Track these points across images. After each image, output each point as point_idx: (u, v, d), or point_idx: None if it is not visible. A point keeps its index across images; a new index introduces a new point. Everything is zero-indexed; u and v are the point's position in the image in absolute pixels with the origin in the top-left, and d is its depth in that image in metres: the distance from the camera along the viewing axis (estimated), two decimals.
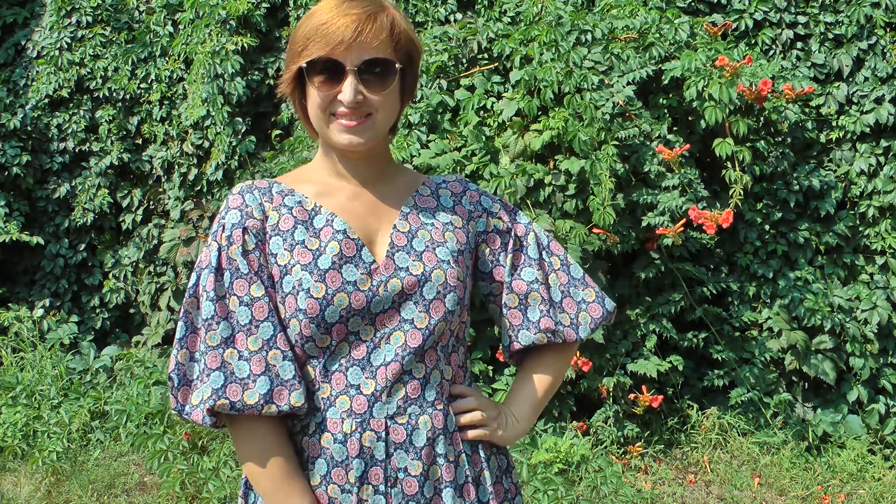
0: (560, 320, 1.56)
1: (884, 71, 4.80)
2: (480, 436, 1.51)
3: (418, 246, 1.47)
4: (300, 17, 5.65)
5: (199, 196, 5.95)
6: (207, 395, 1.36)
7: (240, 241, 1.41)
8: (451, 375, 1.50)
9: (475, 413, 1.51)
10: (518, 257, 1.58)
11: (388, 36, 1.40)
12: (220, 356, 1.37)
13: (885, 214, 4.72)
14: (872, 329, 4.49)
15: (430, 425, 1.44)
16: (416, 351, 1.43)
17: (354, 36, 1.36)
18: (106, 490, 4.11)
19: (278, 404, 1.36)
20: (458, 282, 1.45)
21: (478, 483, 1.50)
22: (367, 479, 1.41)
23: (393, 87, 1.42)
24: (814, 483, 4.06)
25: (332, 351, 1.41)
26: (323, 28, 1.37)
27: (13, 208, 6.08)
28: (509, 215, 1.60)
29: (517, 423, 1.57)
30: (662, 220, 4.15)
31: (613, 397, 4.23)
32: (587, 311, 1.59)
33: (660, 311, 4.35)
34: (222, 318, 1.38)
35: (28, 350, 5.56)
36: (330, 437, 1.41)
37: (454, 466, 1.46)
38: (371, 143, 1.44)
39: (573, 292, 1.59)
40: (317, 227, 1.45)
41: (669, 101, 4.41)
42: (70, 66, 6.23)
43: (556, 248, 1.62)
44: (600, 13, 4.72)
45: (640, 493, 3.92)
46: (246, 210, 1.43)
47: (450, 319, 1.45)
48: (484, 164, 4.20)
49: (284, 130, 5.64)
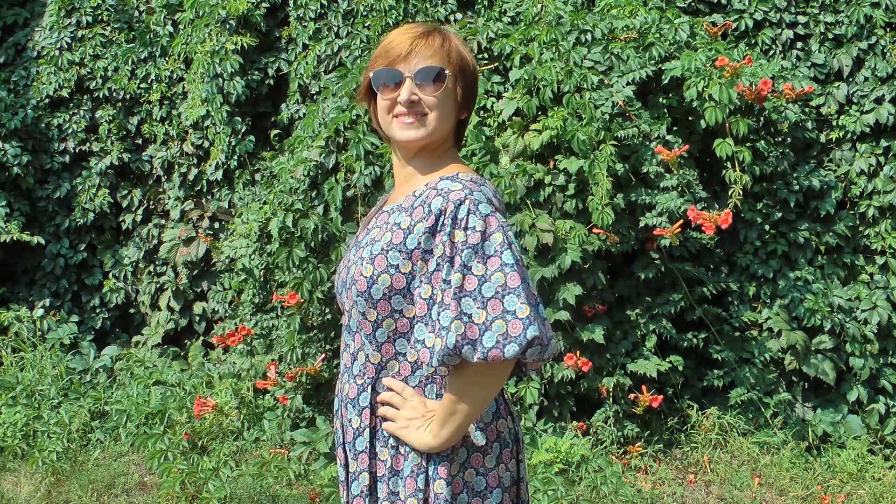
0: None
1: (884, 71, 4.80)
2: (387, 428, 1.73)
3: (363, 242, 1.75)
4: (300, 17, 5.70)
5: (199, 196, 5.96)
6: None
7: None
8: (380, 360, 1.73)
9: (385, 408, 1.73)
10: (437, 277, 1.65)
11: (440, 49, 1.71)
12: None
13: (885, 214, 4.72)
14: (872, 329, 4.48)
15: (345, 391, 1.80)
16: (348, 329, 1.79)
17: (409, 49, 1.70)
18: (106, 490, 4.11)
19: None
20: (362, 277, 1.67)
21: (379, 460, 1.74)
22: (337, 415, 1.86)
23: (445, 90, 1.71)
24: (814, 483, 4.06)
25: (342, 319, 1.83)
26: (387, 46, 1.73)
27: (13, 208, 6.08)
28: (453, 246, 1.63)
29: (425, 434, 1.67)
30: (661, 221, 4.15)
31: (613, 397, 4.23)
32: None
33: (660, 311, 4.34)
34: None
35: (28, 350, 5.56)
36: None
37: (354, 433, 1.78)
38: (426, 138, 1.72)
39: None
40: None
41: (669, 102, 4.41)
42: (70, 66, 6.23)
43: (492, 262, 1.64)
44: (600, 13, 4.72)
45: (640, 493, 3.92)
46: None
47: (359, 308, 1.70)
48: (484, 164, 4.20)
49: (284, 130, 5.64)
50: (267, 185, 4.95)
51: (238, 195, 5.63)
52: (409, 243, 1.64)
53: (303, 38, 5.69)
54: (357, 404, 1.76)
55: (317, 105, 4.92)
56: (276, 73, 5.75)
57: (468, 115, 1.81)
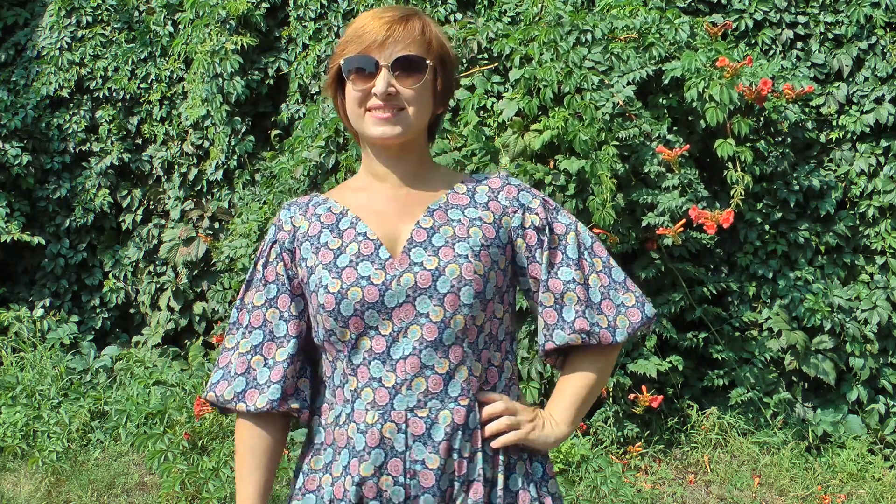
0: (597, 322, 1.55)
1: (884, 71, 4.80)
2: (508, 441, 1.51)
3: (437, 242, 1.50)
4: (300, 17, 5.70)
5: (199, 196, 5.96)
6: (207, 389, 1.59)
7: (265, 255, 1.58)
8: (481, 372, 1.52)
9: (500, 421, 1.50)
10: (555, 255, 1.57)
11: (420, 37, 1.52)
12: (228, 356, 1.59)
13: (885, 214, 4.72)
14: (872, 329, 4.49)
15: (449, 420, 1.46)
16: (434, 345, 1.46)
17: (387, 35, 1.49)
18: (106, 490, 4.11)
19: (247, 403, 1.54)
20: (476, 275, 1.47)
21: (493, 484, 1.50)
22: (386, 470, 1.46)
23: (424, 83, 1.52)
24: (814, 483, 4.06)
25: (353, 345, 1.48)
26: (359, 30, 1.52)
27: (14, 208, 6.08)
28: (548, 212, 1.59)
29: (555, 427, 1.55)
30: (662, 221, 4.15)
31: (613, 397, 4.23)
32: (625, 314, 1.57)
33: (660, 311, 4.35)
34: (239, 325, 1.60)
35: (28, 350, 5.56)
36: (355, 427, 1.48)
37: (467, 463, 1.48)
38: (403, 136, 1.52)
39: (613, 295, 1.57)
40: (342, 228, 1.55)
41: (669, 102, 4.41)
42: (70, 66, 6.23)
43: (599, 249, 1.60)
44: (600, 13, 4.72)
45: (640, 493, 3.92)
46: (279, 224, 1.59)
47: (467, 313, 1.47)
48: (484, 164, 4.20)
49: (284, 130, 5.64)
50: (267, 185, 4.95)
51: (238, 195, 5.63)
52: (502, 238, 1.55)
53: (303, 38, 5.69)
54: (467, 428, 1.48)
55: (317, 105, 4.92)
56: (276, 73, 5.75)
57: (444, 110, 1.62)
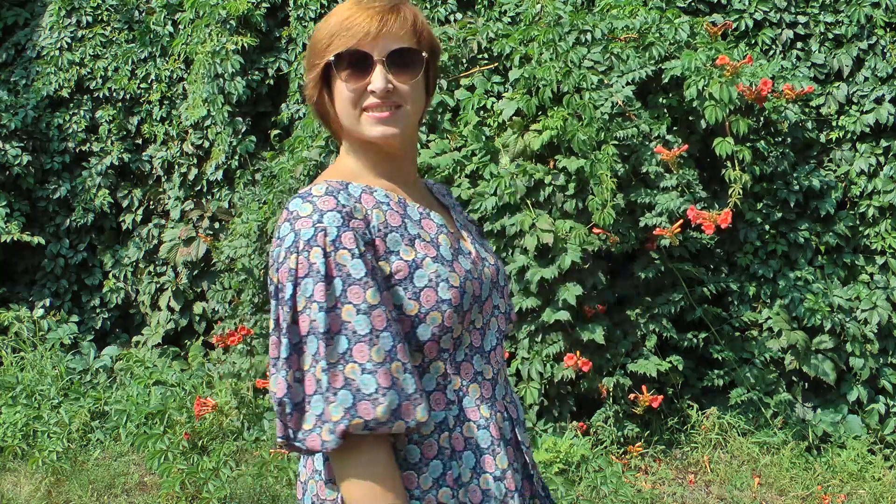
0: None
1: (884, 71, 4.79)
2: None
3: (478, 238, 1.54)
4: (300, 17, 5.69)
5: (199, 196, 5.95)
6: (340, 416, 1.25)
7: (352, 244, 1.30)
8: None
9: None
10: None
11: (412, 28, 1.42)
12: (342, 373, 1.27)
13: (885, 214, 4.72)
14: (872, 329, 4.48)
15: (519, 411, 1.54)
16: (505, 335, 1.51)
17: (380, 27, 1.37)
18: (106, 490, 4.11)
19: (406, 420, 1.28)
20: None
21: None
22: (511, 459, 1.45)
23: (420, 77, 1.43)
24: (814, 483, 4.06)
25: (460, 341, 1.41)
26: (347, 23, 1.38)
27: (14, 208, 6.08)
28: None
29: None
30: (661, 221, 4.15)
31: (613, 397, 4.23)
32: None
33: (660, 311, 4.34)
34: (336, 332, 1.28)
35: (28, 350, 5.56)
36: (473, 425, 1.41)
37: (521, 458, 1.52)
38: (402, 135, 1.42)
39: None
40: (414, 218, 1.42)
41: (669, 101, 4.41)
42: (70, 66, 6.23)
43: None
44: (600, 13, 4.72)
45: (640, 493, 3.92)
46: (345, 210, 1.33)
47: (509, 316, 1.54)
48: (484, 164, 4.20)
49: (284, 130, 5.64)
50: (267, 185, 4.95)
51: (238, 195, 5.63)
52: None
53: (303, 38, 5.68)
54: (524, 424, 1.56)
55: None
56: (276, 73, 5.75)
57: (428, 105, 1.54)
